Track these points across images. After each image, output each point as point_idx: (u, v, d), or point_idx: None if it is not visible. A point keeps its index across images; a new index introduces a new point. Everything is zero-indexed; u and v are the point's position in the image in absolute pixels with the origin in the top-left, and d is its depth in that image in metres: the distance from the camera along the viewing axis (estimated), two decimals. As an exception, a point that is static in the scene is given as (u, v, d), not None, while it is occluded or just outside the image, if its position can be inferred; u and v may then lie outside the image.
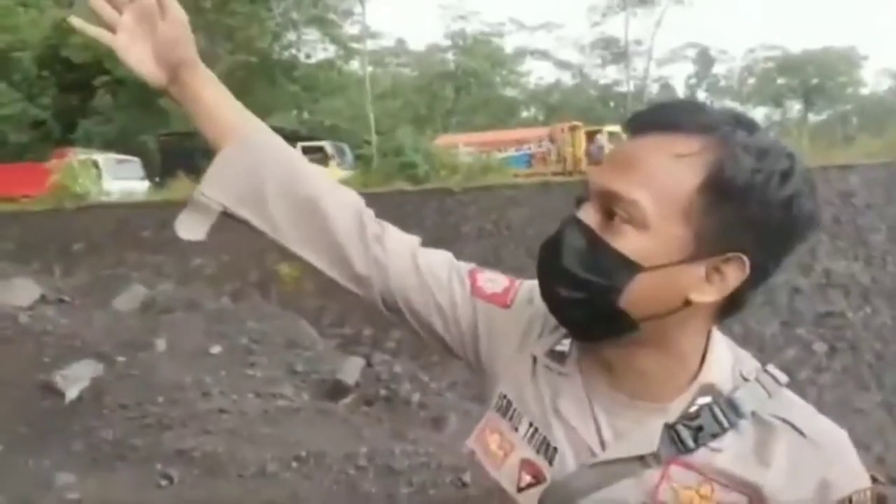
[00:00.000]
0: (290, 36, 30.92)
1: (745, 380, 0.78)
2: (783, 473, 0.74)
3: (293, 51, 31.34)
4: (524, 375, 0.86)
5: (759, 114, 41.62)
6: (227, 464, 4.43)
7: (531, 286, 0.91)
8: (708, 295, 0.75)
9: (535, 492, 0.80)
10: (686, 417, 0.76)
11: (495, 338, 0.90)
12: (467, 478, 3.97)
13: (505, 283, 0.94)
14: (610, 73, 38.88)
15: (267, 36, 29.37)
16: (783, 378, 0.79)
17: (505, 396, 0.87)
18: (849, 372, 8.06)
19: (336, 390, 5.68)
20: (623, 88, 35.80)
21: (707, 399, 0.77)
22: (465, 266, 0.95)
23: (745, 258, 0.73)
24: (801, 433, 0.76)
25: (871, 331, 8.42)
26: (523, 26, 37.14)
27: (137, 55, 0.90)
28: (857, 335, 8.42)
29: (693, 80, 42.25)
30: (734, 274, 0.74)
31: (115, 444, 4.68)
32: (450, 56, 36.51)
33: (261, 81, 29.86)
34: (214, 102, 0.95)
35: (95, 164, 17.74)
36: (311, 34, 32.23)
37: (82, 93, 25.95)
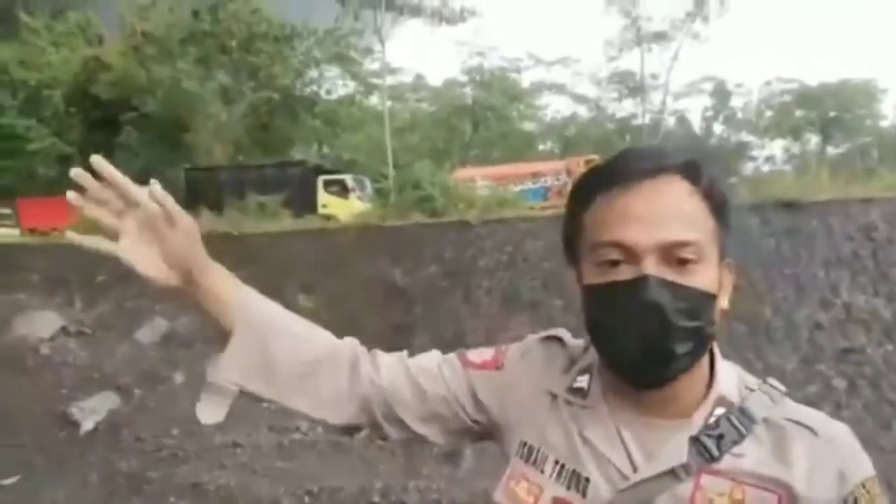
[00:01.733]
0: (312, 73, 31.61)
1: (751, 390, 0.87)
2: (805, 470, 0.81)
3: (314, 87, 32.00)
4: (542, 416, 0.92)
5: (777, 146, 41.55)
6: (240, 497, 4.44)
7: (519, 346, 1.03)
8: (725, 302, 0.86)
9: None
10: (708, 428, 0.84)
11: (500, 395, 0.98)
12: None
13: (492, 352, 1.04)
14: (626, 107, 39.10)
15: (290, 73, 30.06)
16: (783, 388, 0.88)
17: (525, 444, 0.92)
18: (869, 409, 7.88)
19: (351, 425, 5.69)
20: (639, 121, 35.96)
21: (723, 410, 0.85)
22: (454, 353, 1.05)
23: (731, 262, 0.87)
24: (815, 432, 0.83)
25: (892, 367, 8.25)
26: (540, 61, 37.61)
27: (144, 259, 0.90)
28: (878, 371, 8.25)
29: (710, 113, 42.30)
30: (729, 277, 0.87)
31: (130, 477, 4.71)
32: (467, 91, 37.00)
33: (283, 117, 30.48)
34: (226, 297, 0.97)
35: None
36: (332, 71, 32.92)
37: (109, 129, 26.65)
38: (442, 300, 11.59)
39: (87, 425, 5.27)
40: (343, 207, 18.98)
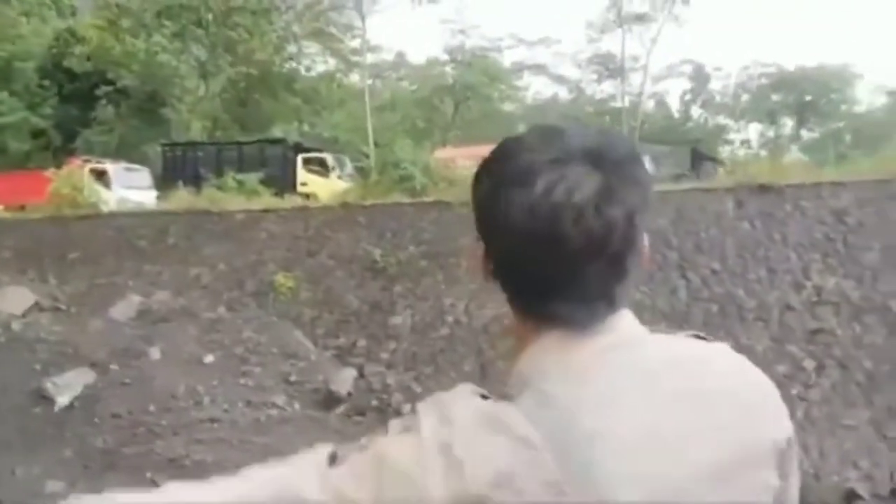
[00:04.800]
0: (291, 49, 31.16)
1: None
2: None
3: (294, 63, 31.55)
4: None
5: (753, 130, 41.96)
6: (216, 473, 4.47)
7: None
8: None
9: None
10: None
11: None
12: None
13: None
14: (606, 89, 39.12)
15: (268, 48, 29.57)
16: None
17: None
18: (837, 389, 8.11)
19: (329, 400, 5.73)
20: (618, 104, 36.04)
21: None
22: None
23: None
24: None
25: (860, 348, 8.48)
26: (522, 41, 37.40)
27: None
28: (847, 352, 8.48)
29: (688, 97, 42.51)
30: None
31: (105, 453, 4.70)
32: (449, 70, 36.74)
33: (262, 93, 30.04)
34: None
35: (104, 173, 17.92)
36: (312, 47, 32.46)
37: (84, 103, 26.08)
38: (421, 279, 11.63)
39: (63, 401, 5.25)
40: (323, 186, 18.84)
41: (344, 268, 12.56)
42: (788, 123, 40.30)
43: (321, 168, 20.06)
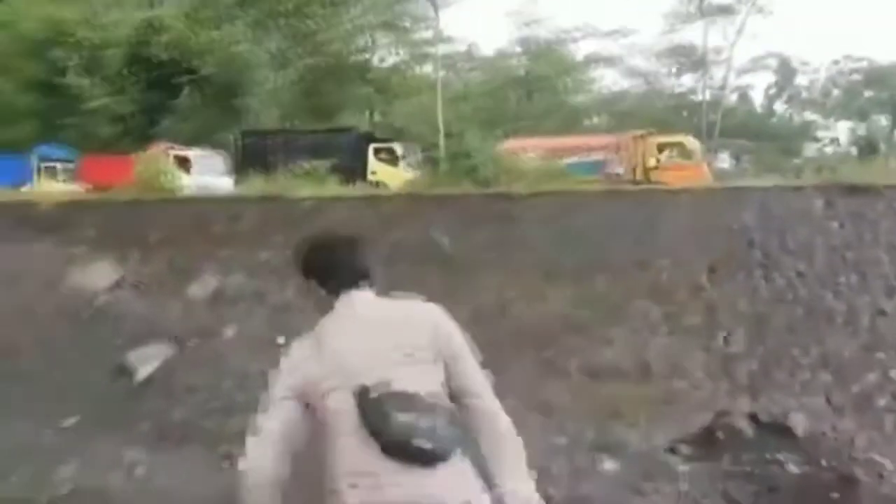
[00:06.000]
0: (364, 40, 31.46)
1: None
2: None
3: (366, 55, 31.86)
4: None
5: (842, 128, 39.71)
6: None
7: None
8: None
9: None
10: None
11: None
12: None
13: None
14: (685, 82, 37.82)
15: (340, 39, 29.97)
16: None
17: None
18: (932, 402, 7.52)
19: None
20: (698, 97, 34.76)
21: None
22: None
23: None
24: None
25: (960, 359, 7.85)
26: (594, 32, 36.57)
27: None
28: (945, 364, 7.86)
29: (773, 91, 40.60)
30: None
31: (182, 425, 4.83)
32: (520, 61, 36.34)
33: (334, 83, 30.49)
34: None
35: (186, 159, 18.72)
36: (385, 38, 32.70)
37: (166, 90, 27.07)
38: (485, 270, 11.49)
39: (142, 374, 5.43)
40: (392, 175, 18.97)
41: (410, 256, 12.52)
42: (882, 121, 37.93)
43: (391, 157, 20.21)
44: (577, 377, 7.27)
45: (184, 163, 18.56)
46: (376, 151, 20.58)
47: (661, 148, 18.37)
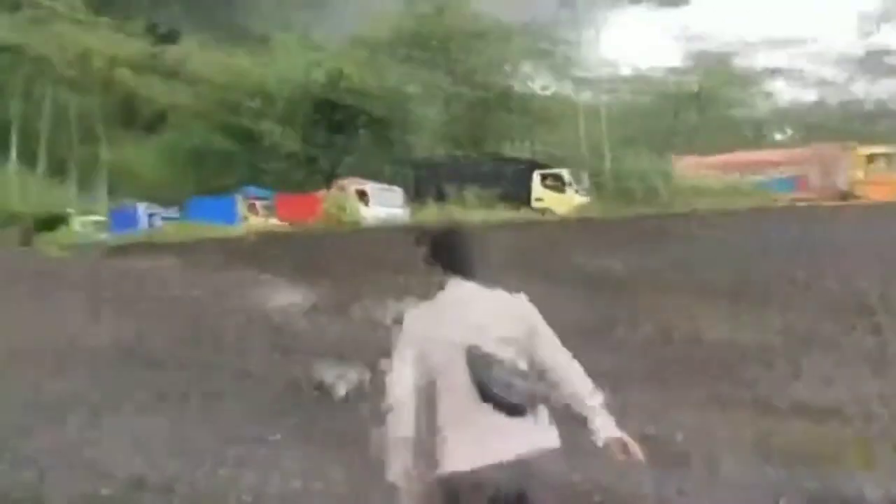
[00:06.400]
0: (524, 70, 31.86)
1: None
2: None
3: (528, 83, 32.22)
4: None
5: None
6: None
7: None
8: None
9: None
10: None
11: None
12: None
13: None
14: (885, 88, 33.88)
15: (501, 72, 30.63)
16: None
17: None
18: None
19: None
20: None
21: None
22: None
23: None
24: None
25: None
26: (772, 42, 34.06)
27: None
28: None
29: None
30: None
31: (380, 443, 4.97)
32: (690, 78, 34.75)
33: (496, 115, 31.16)
34: None
35: (364, 193, 20.14)
36: (544, 67, 32.89)
37: (346, 132, 29.29)
38: (668, 293, 10.87)
39: (339, 393, 5.74)
40: (559, 201, 18.86)
41: (584, 281, 12.21)
42: None
43: (558, 183, 20.11)
44: (777, 413, 6.53)
45: (362, 196, 19.92)
46: (542, 178, 20.59)
47: (870, 159, 16.50)
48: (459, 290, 2.12)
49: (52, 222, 24.21)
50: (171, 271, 12.37)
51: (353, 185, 20.85)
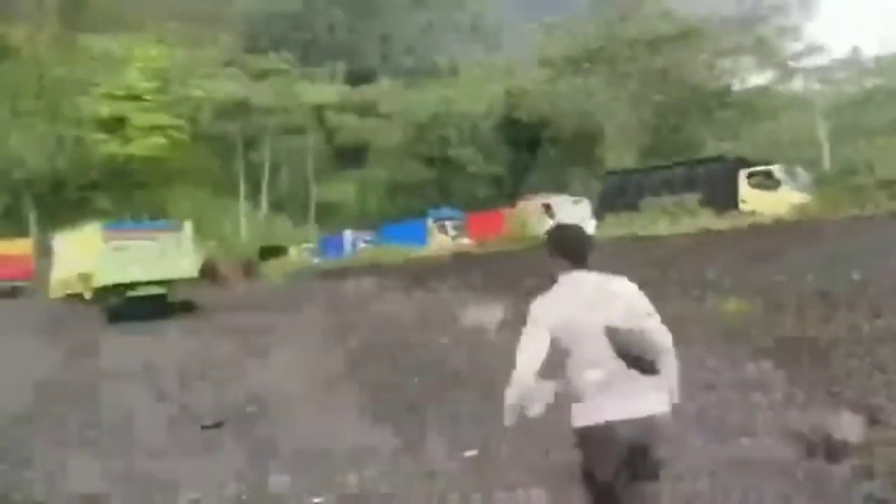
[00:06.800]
0: (724, 63, 29.67)
1: None
2: None
3: (727, 78, 29.97)
4: None
5: None
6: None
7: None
8: None
9: None
10: None
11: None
12: None
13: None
14: None
15: (698, 69, 28.74)
16: None
17: None
18: None
19: (832, 451, 4.34)
20: None
21: None
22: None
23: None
24: None
25: None
26: None
27: None
28: None
29: None
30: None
31: (570, 464, 4.62)
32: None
33: (695, 115, 29.27)
34: None
35: (549, 206, 20.10)
36: (746, 59, 30.33)
37: (529, 149, 29.39)
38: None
39: (536, 411, 5.41)
40: (771, 201, 16.83)
41: (808, 292, 10.61)
42: None
43: (769, 181, 18.08)
44: None
45: (548, 209, 19.76)
46: (750, 176, 18.58)
47: None
48: (583, 276, 2.70)
49: (275, 251, 27.82)
50: (370, 289, 13.23)
51: (538, 199, 20.87)
